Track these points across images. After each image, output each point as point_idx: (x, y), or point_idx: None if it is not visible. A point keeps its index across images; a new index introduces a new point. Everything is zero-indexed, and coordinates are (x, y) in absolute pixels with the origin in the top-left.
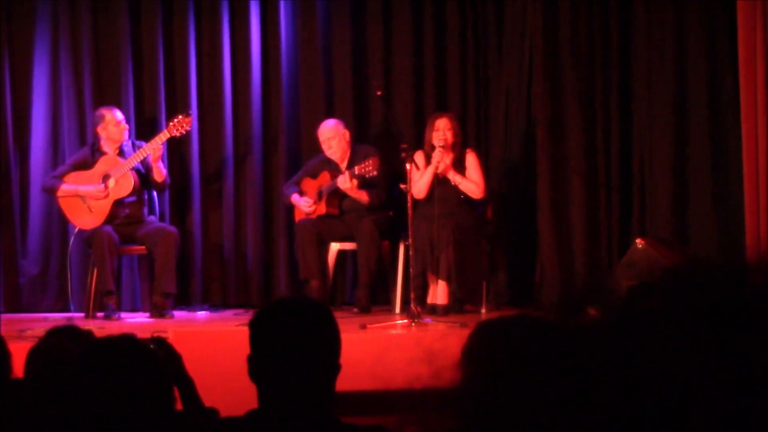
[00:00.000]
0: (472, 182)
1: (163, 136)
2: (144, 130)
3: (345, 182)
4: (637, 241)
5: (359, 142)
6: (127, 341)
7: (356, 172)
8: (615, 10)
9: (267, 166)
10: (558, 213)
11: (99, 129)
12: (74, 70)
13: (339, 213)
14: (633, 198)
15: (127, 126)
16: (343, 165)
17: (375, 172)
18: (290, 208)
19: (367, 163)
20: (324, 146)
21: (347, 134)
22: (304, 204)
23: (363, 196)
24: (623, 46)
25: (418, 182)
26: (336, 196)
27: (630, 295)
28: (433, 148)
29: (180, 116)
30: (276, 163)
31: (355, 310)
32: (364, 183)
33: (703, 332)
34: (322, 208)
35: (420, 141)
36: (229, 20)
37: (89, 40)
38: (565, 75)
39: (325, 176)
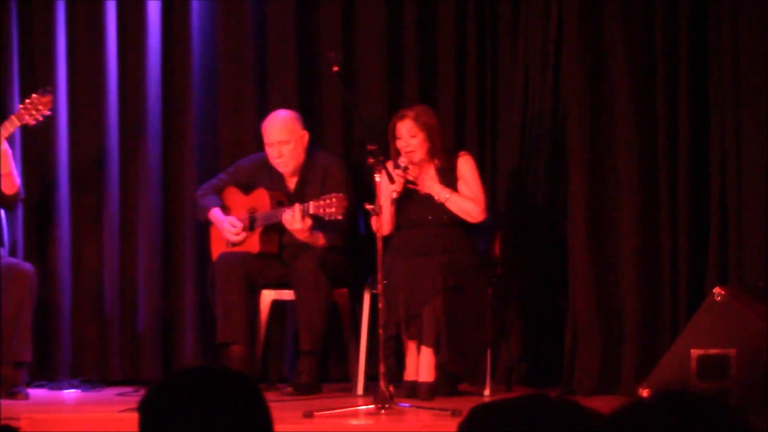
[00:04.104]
0: (466, 199)
1: (9, 126)
2: None
3: (293, 222)
4: (716, 290)
5: (314, 146)
6: None
7: (310, 211)
8: None
9: (169, 175)
10: (599, 249)
11: None
12: None
13: (278, 252)
14: (710, 227)
15: None
16: (292, 181)
17: (339, 216)
18: (203, 234)
19: (328, 202)
20: (271, 152)
21: (306, 137)
22: (229, 228)
23: (317, 240)
24: (697, 5)
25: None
26: (276, 230)
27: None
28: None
29: (34, 95)
30: (182, 170)
31: (290, 390)
32: (318, 221)
33: None
34: (255, 244)
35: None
36: None
37: None
38: (610, 46)
39: (261, 195)
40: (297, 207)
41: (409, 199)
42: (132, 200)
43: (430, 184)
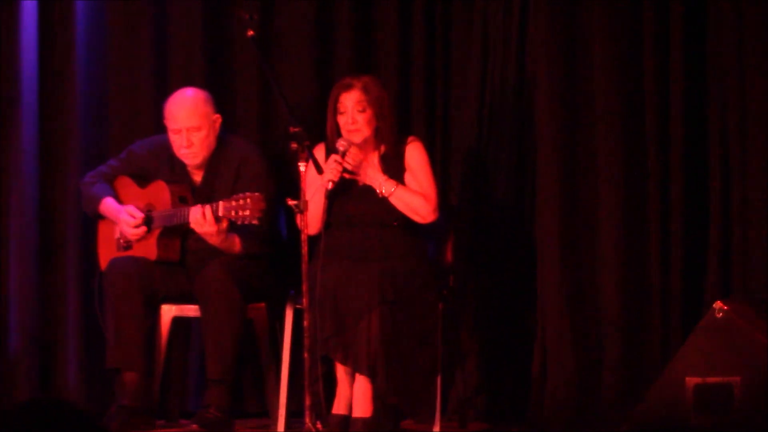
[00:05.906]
0: (414, 194)
1: None
2: None
3: (203, 224)
4: (716, 305)
5: (225, 131)
6: None
7: (219, 213)
8: None
9: (46, 165)
10: (574, 254)
11: None
12: None
13: (179, 259)
14: (709, 228)
15: None
16: (199, 173)
17: (255, 221)
18: (90, 235)
19: (241, 203)
20: (178, 140)
21: (219, 122)
22: (126, 220)
23: (233, 246)
24: None
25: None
26: (176, 233)
27: None
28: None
29: None
30: (63, 160)
31: (194, 427)
32: (232, 223)
33: None
34: (151, 250)
35: (323, 123)
36: None
37: None
38: (588, 10)
39: (161, 190)
40: (207, 208)
41: (345, 191)
42: (1, 196)
43: (373, 174)
